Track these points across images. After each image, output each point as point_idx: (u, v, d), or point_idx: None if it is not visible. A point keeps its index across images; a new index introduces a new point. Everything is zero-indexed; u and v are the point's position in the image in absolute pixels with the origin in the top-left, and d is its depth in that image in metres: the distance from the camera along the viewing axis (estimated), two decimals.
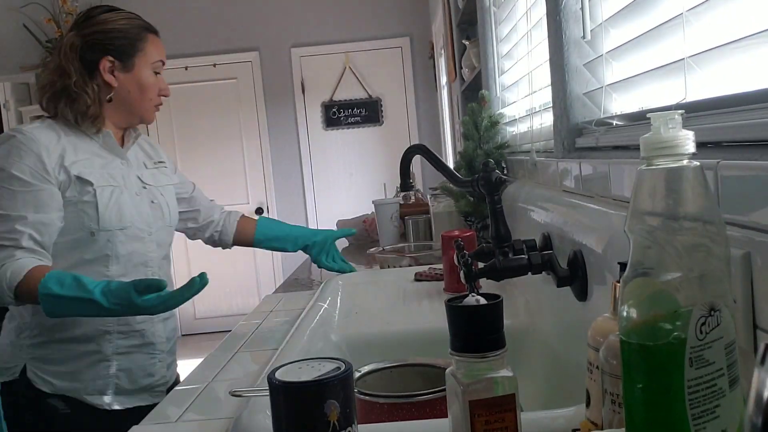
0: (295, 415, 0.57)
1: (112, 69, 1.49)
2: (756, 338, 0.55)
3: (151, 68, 1.53)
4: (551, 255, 1.01)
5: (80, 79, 1.46)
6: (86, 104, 1.46)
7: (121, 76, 1.50)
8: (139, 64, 1.51)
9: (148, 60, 1.53)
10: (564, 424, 0.72)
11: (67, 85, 1.46)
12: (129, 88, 1.51)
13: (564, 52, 1.15)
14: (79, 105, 1.46)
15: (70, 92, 1.46)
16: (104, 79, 1.48)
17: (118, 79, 1.50)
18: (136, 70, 1.51)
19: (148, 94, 1.54)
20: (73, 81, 1.45)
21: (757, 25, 0.60)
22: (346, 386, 0.58)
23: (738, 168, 0.57)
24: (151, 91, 1.54)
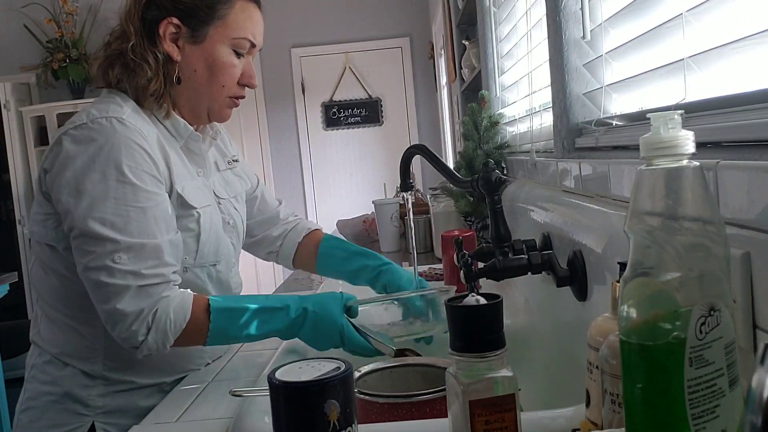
0: (295, 415, 0.57)
1: (176, 36, 1.12)
2: (755, 338, 0.55)
3: (230, 45, 1.13)
4: (551, 255, 1.01)
5: (138, 42, 1.10)
6: (146, 77, 1.10)
7: (188, 48, 1.12)
8: (215, 36, 1.12)
9: (229, 33, 1.13)
10: (564, 424, 0.72)
11: (123, 50, 1.11)
12: (195, 65, 1.13)
13: (564, 53, 1.15)
14: (138, 77, 1.10)
15: (126, 59, 1.10)
16: (164, 48, 1.11)
17: (183, 52, 1.12)
18: (208, 43, 1.12)
19: (220, 79, 1.14)
20: (131, 44, 1.10)
21: (757, 26, 0.60)
22: (346, 386, 0.58)
23: (737, 168, 0.57)
24: (226, 75, 1.14)
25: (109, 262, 1.00)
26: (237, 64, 1.15)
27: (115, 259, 1.00)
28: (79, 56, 5.18)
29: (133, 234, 1.01)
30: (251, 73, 1.18)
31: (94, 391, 1.11)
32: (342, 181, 5.64)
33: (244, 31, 1.14)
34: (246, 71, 1.17)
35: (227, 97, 1.17)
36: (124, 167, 1.02)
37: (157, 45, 1.11)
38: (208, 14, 1.11)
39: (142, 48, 1.10)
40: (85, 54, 5.22)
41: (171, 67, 1.12)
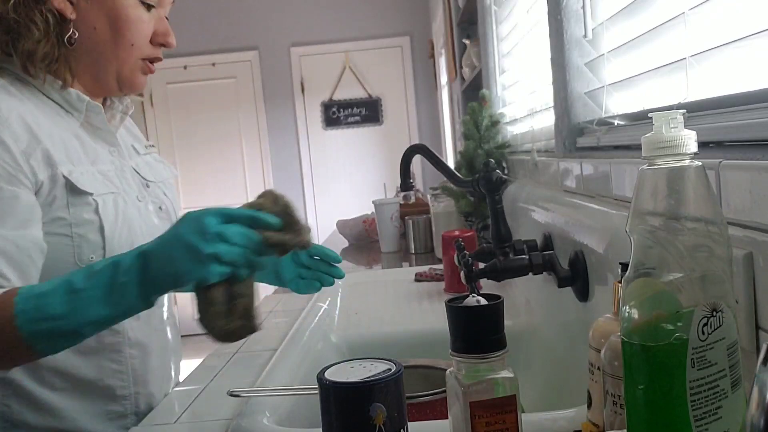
0: (339, 416, 0.56)
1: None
2: (758, 339, 0.54)
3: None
4: (552, 255, 1.01)
5: (21, 1, 0.91)
6: (33, 39, 0.91)
7: (83, 3, 0.94)
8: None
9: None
10: (565, 425, 0.72)
11: (3, 11, 0.91)
12: (94, 21, 0.95)
13: (565, 52, 1.15)
14: (23, 41, 0.91)
15: (7, 21, 0.91)
16: (53, 3, 0.92)
17: (78, 7, 0.94)
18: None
19: (126, 36, 0.96)
20: (11, 3, 0.91)
21: (759, 25, 0.60)
22: (395, 389, 0.56)
23: (740, 168, 0.57)
24: (133, 31, 0.97)
25: None
26: (146, 19, 0.98)
27: None
28: None
29: None
30: (166, 29, 1.01)
31: None
32: (342, 181, 5.63)
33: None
34: (159, 28, 1.00)
35: (139, 59, 1.00)
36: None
37: (44, 2, 0.92)
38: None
39: (25, 6, 0.92)
40: None
41: (65, 27, 0.94)
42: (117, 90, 1.02)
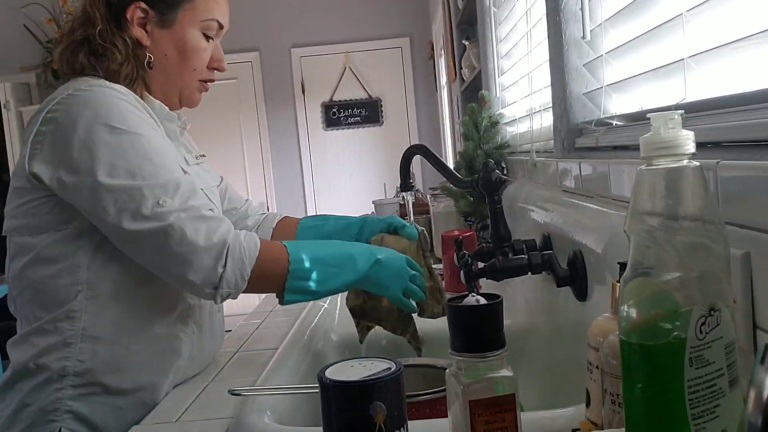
0: (340, 415, 0.56)
1: (143, 21, 1.10)
2: (756, 338, 0.55)
3: (199, 28, 1.12)
4: (551, 255, 1.01)
5: (106, 28, 1.07)
6: (117, 62, 1.07)
7: (157, 33, 1.11)
8: (184, 19, 1.11)
9: (198, 16, 1.12)
10: (564, 424, 0.72)
11: (89, 36, 1.08)
12: (165, 49, 1.11)
13: (564, 53, 1.15)
14: (108, 62, 1.07)
15: (93, 45, 1.08)
16: (133, 33, 1.09)
17: (152, 36, 1.10)
18: (177, 27, 1.11)
19: (191, 63, 1.13)
20: (98, 30, 1.07)
21: (757, 25, 0.60)
22: (395, 388, 0.56)
23: (737, 168, 0.57)
24: (197, 59, 1.13)
25: (156, 208, 0.98)
26: (207, 48, 1.15)
27: (160, 203, 0.98)
28: None
29: (164, 176, 1.00)
30: (220, 57, 1.18)
31: (63, 393, 1.03)
32: (342, 181, 5.63)
33: (211, 13, 1.14)
34: (215, 54, 1.17)
35: (198, 80, 1.17)
36: (127, 121, 1.00)
37: (125, 30, 1.09)
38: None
39: (109, 33, 1.08)
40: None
41: (141, 51, 1.10)
42: (178, 105, 1.19)
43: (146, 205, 0.98)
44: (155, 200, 0.98)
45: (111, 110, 1.00)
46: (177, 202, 0.99)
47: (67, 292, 1.03)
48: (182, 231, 0.98)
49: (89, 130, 0.98)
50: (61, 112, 1.01)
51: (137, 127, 1.01)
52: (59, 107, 1.01)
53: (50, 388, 1.03)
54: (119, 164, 0.98)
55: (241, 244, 1.01)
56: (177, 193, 0.99)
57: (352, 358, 0.61)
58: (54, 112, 1.01)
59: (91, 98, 1.01)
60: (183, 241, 0.98)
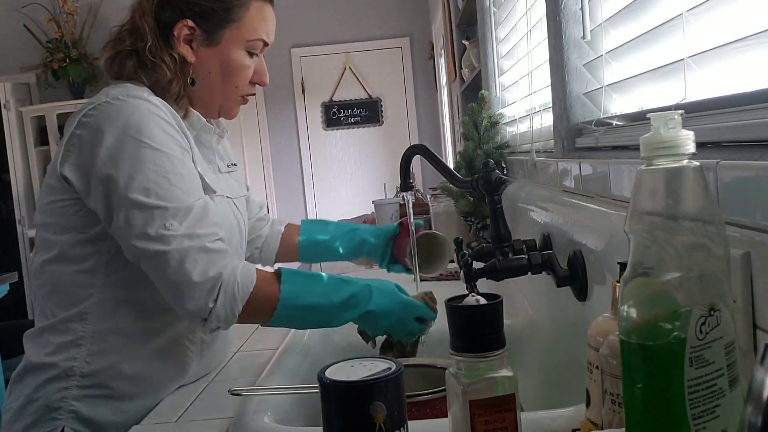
0: (340, 415, 0.56)
1: (190, 38, 1.10)
2: (756, 338, 0.55)
3: (244, 47, 1.12)
4: (551, 255, 1.01)
5: (155, 43, 1.08)
6: (167, 78, 1.08)
7: (202, 51, 1.11)
8: (230, 38, 1.11)
9: (244, 36, 1.11)
10: (564, 424, 0.72)
11: (139, 49, 1.09)
12: (210, 67, 1.12)
13: (564, 53, 1.15)
14: (157, 75, 1.08)
15: (142, 58, 1.08)
16: (179, 50, 1.10)
17: (197, 54, 1.11)
18: (223, 46, 1.11)
19: (234, 81, 1.14)
20: (147, 45, 1.08)
21: (757, 26, 0.60)
22: (395, 388, 0.56)
23: (738, 168, 0.57)
24: (240, 76, 1.14)
25: (162, 230, 0.98)
26: (250, 65, 1.14)
27: (167, 226, 0.98)
28: (79, 56, 5.19)
29: (178, 199, 0.99)
30: (263, 72, 1.17)
31: (68, 393, 1.04)
32: (342, 181, 5.64)
33: (258, 32, 1.13)
34: (258, 70, 1.16)
35: (239, 96, 1.17)
36: (155, 137, 1.00)
37: (172, 46, 1.10)
38: (223, 17, 1.10)
39: (158, 48, 1.08)
40: (85, 54, 5.22)
41: (186, 68, 1.11)
42: (217, 117, 1.20)
43: (153, 225, 0.98)
44: (162, 222, 0.98)
45: (141, 124, 1.00)
46: (183, 228, 0.98)
47: (81, 293, 1.05)
48: (181, 260, 0.97)
49: (117, 140, 0.99)
50: (95, 119, 1.02)
51: (163, 145, 1.01)
52: (95, 113, 1.02)
53: (56, 386, 1.04)
54: (137, 178, 0.98)
55: (236, 281, 0.99)
56: (186, 219, 0.99)
57: (352, 358, 0.61)
58: (89, 117, 1.02)
59: (125, 109, 1.01)
60: (179, 270, 0.97)
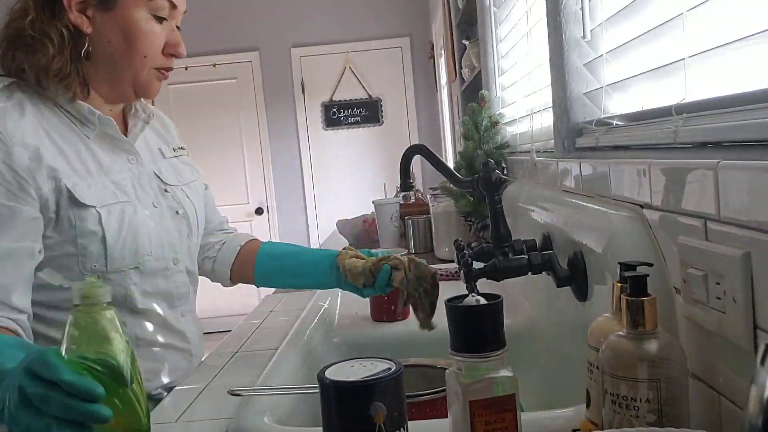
0: (339, 415, 0.56)
1: (83, 6, 0.99)
2: (756, 338, 0.55)
3: (146, 8, 1.01)
4: (551, 255, 1.01)
5: (39, 16, 0.97)
6: (48, 54, 0.96)
7: (99, 18, 1.00)
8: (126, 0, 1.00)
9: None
10: (564, 424, 0.72)
11: (21, 28, 0.98)
12: (109, 35, 1.00)
13: (564, 52, 1.15)
14: (38, 56, 0.97)
15: (25, 37, 0.97)
16: (70, 19, 0.98)
17: (93, 22, 1.00)
18: (120, 9, 1.00)
19: (139, 48, 1.01)
20: (29, 19, 0.97)
21: (757, 25, 0.60)
22: (395, 388, 0.56)
23: (738, 168, 0.57)
24: (145, 42, 1.02)
25: None
26: (158, 31, 1.03)
27: None
28: None
29: None
30: (177, 40, 1.06)
31: None
32: (342, 181, 5.63)
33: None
34: (171, 39, 1.05)
35: (152, 68, 1.06)
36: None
37: (61, 18, 0.98)
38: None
39: (42, 23, 0.98)
40: None
41: (80, 41, 1.00)
42: (134, 97, 1.08)
43: None
44: None
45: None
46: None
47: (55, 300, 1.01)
48: None
49: None
50: None
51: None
52: None
53: None
54: None
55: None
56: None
57: (352, 358, 0.61)
58: None
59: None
60: None
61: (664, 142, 0.75)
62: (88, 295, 0.65)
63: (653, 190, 0.73)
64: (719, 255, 0.58)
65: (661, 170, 0.71)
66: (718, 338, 0.60)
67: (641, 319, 0.58)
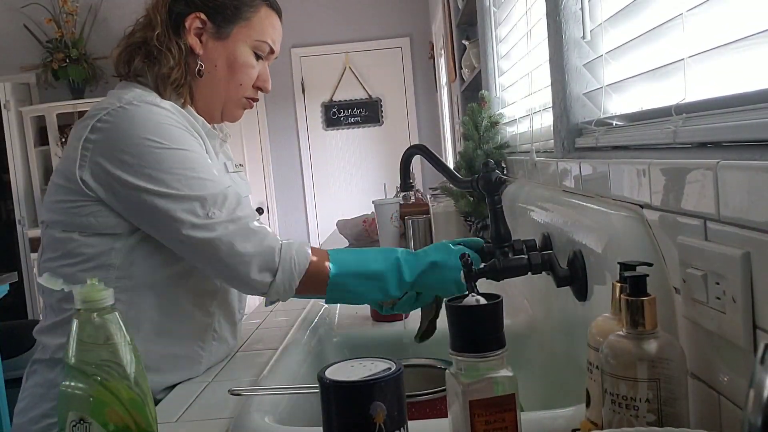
0: (340, 415, 0.56)
1: (200, 31, 1.16)
2: (756, 338, 0.55)
3: (251, 46, 1.18)
4: (551, 255, 1.01)
5: (164, 32, 1.13)
6: (169, 65, 1.12)
7: (211, 44, 1.16)
8: (238, 34, 1.17)
9: (252, 35, 1.18)
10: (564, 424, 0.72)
11: (147, 38, 1.14)
12: (216, 60, 1.17)
13: (564, 53, 1.15)
14: (160, 65, 1.12)
15: (149, 47, 1.13)
16: (188, 40, 1.15)
17: (206, 46, 1.16)
18: (230, 41, 1.17)
19: (238, 77, 1.18)
20: (156, 33, 1.13)
21: (757, 25, 0.60)
22: (395, 388, 0.56)
23: (738, 168, 0.57)
24: (244, 74, 1.18)
25: (206, 219, 1.03)
26: (255, 66, 1.20)
27: (209, 215, 1.03)
28: (79, 56, 5.19)
29: (212, 188, 1.04)
30: (267, 78, 1.23)
31: None
32: (342, 181, 5.64)
33: (265, 35, 1.19)
34: (262, 74, 1.22)
35: (242, 97, 1.21)
36: (174, 137, 1.05)
37: (181, 36, 1.14)
38: (234, 14, 1.16)
39: (166, 38, 1.13)
40: (85, 54, 5.22)
41: (192, 59, 1.16)
42: (219, 119, 1.23)
43: (197, 214, 1.03)
44: (205, 212, 1.03)
45: (158, 127, 1.04)
46: (225, 214, 1.04)
47: None
48: (230, 243, 1.03)
49: (138, 144, 1.03)
50: (111, 125, 1.05)
51: (183, 143, 1.06)
52: (110, 119, 1.05)
53: None
54: (166, 179, 1.03)
55: (292, 257, 1.06)
56: (225, 205, 1.05)
57: (352, 358, 0.61)
58: (104, 122, 1.05)
59: (139, 114, 1.05)
60: (231, 253, 1.03)
61: (664, 142, 0.75)
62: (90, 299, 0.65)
63: (653, 190, 0.73)
64: (719, 255, 0.58)
65: (661, 170, 0.71)
66: (718, 338, 0.60)
67: (641, 319, 0.58)
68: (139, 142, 1.03)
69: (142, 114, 1.05)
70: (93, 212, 1.07)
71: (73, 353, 0.65)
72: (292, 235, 5.53)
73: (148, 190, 1.02)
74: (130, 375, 0.66)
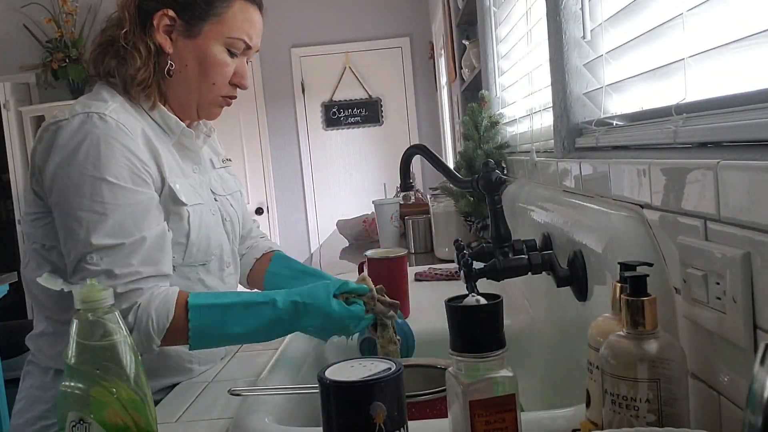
0: (339, 415, 0.56)
1: (170, 28, 1.11)
2: (756, 338, 0.55)
3: (224, 43, 1.12)
4: (551, 255, 1.01)
5: (132, 30, 1.09)
6: (135, 66, 1.08)
7: (181, 42, 1.11)
8: (209, 32, 1.11)
9: (224, 32, 1.12)
10: (564, 424, 0.72)
11: (116, 37, 1.09)
12: (187, 59, 1.11)
13: (564, 52, 1.15)
14: (127, 65, 1.08)
15: (117, 46, 1.09)
16: (156, 37, 1.10)
17: (176, 45, 1.11)
18: (201, 39, 1.11)
19: (210, 76, 1.13)
20: (124, 31, 1.09)
21: (757, 25, 0.60)
22: (395, 388, 0.56)
23: (738, 168, 0.57)
24: (217, 72, 1.13)
25: (83, 263, 0.99)
26: (230, 63, 1.14)
27: (87, 260, 0.98)
28: (79, 56, 5.18)
29: (107, 233, 0.99)
30: (243, 74, 1.17)
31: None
32: (342, 181, 5.63)
33: (239, 31, 1.13)
34: (238, 71, 1.16)
35: (218, 95, 1.16)
36: (101, 164, 1.00)
37: (150, 35, 1.10)
38: (204, 10, 1.11)
39: (134, 36, 1.09)
40: (85, 54, 5.22)
41: (162, 58, 1.11)
42: (196, 117, 1.19)
43: (76, 254, 1.00)
44: (84, 254, 0.99)
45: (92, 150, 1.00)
46: (104, 265, 0.98)
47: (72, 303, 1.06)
48: None
49: (64, 164, 1.00)
50: (49, 137, 1.03)
51: (111, 173, 1.00)
52: (50, 132, 1.04)
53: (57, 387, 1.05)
54: (74, 206, 0.99)
55: (150, 316, 0.99)
56: (109, 256, 0.98)
57: (352, 359, 0.61)
58: (47, 133, 1.04)
59: (80, 131, 1.01)
60: None
61: (664, 142, 0.75)
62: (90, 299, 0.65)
63: (653, 190, 0.73)
64: (719, 255, 0.58)
65: (661, 170, 0.71)
66: (718, 338, 0.60)
67: (641, 319, 0.58)
68: (66, 162, 1.00)
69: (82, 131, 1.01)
70: (46, 224, 1.07)
71: (72, 353, 0.65)
72: (292, 234, 5.54)
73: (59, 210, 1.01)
74: (130, 375, 0.66)
